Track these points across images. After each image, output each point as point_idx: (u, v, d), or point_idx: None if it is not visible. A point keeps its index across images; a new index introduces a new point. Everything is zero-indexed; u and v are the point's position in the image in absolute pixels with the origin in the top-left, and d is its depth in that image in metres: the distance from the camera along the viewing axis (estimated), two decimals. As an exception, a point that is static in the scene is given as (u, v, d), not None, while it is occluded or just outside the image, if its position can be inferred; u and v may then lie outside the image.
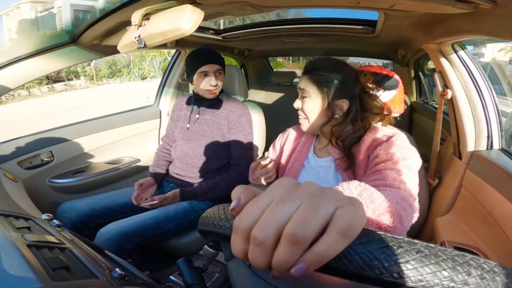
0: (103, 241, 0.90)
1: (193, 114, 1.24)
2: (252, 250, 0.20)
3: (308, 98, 0.74)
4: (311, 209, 0.19)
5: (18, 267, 0.33)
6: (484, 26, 0.62)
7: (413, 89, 1.75)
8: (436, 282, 0.17)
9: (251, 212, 0.21)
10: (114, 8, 0.73)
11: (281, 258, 0.19)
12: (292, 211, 0.19)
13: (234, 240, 0.21)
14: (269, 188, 0.23)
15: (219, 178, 1.17)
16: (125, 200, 1.14)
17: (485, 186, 0.80)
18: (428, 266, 0.18)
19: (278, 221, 0.19)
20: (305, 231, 0.18)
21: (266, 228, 0.19)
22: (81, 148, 1.31)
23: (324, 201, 0.20)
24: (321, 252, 0.18)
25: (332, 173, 0.75)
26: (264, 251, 0.19)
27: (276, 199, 0.21)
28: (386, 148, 0.62)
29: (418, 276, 0.18)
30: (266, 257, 0.20)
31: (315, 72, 0.73)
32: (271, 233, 0.19)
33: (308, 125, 0.76)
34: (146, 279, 0.49)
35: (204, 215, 0.32)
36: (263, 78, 2.46)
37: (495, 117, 0.90)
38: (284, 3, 0.82)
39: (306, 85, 0.74)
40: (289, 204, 0.20)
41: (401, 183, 0.52)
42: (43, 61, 0.94)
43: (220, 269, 0.85)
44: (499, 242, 0.72)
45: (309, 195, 0.20)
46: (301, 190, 0.21)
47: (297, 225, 0.18)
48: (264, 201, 0.21)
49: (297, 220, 0.19)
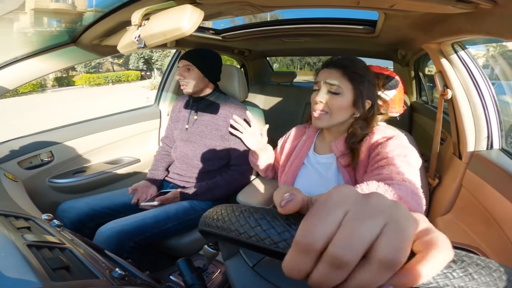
0: (102, 240, 0.89)
1: (191, 116, 1.25)
2: (326, 271, 0.18)
3: (339, 94, 0.72)
4: (402, 231, 0.18)
5: (18, 267, 0.33)
6: (484, 26, 0.62)
7: (413, 89, 1.75)
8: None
9: (324, 227, 0.18)
10: (114, 8, 0.73)
11: (366, 281, 0.17)
12: (377, 231, 0.18)
13: (295, 259, 0.19)
14: (332, 198, 0.20)
15: (219, 178, 1.17)
16: (125, 200, 1.15)
17: (485, 186, 0.80)
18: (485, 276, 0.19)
19: (365, 240, 0.17)
20: (403, 255, 0.17)
21: (353, 247, 0.17)
22: (81, 148, 1.31)
23: (409, 222, 0.19)
24: (421, 274, 0.18)
25: (332, 170, 0.76)
26: (343, 273, 0.18)
27: (353, 213, 0.19)
28: (387, 146, 0.64)
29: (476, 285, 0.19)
30: (341, 279, 0.18)
31: (352, 70, 0.72)
32: (359, 253, 0.17)
33: (329, 120, 0.74)
34: (146, 279, 0.49)
35: (207, 215, 0.31)
36: (263, 78, 2.46)
37: (495, 117, 0.90)
38: (284, 3, 0.82)
39: (341, 81, 0.72)
40: (374, 221, 0.18)
41: (405, 177, 0.53)
42: (43, 61, 0.94)
43: (220, 269, 0.85)
44: (499, 242, 0.72)
45: (388, 213, 0.19)
46: (377, 205, 0.19)
47: (395, 250, 0.17)
48: (336, 215, 0.19)
49: (392, 244, 0.17)
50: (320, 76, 0.75)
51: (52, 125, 1.32)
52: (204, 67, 1.19)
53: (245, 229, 0.25)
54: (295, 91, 2.20)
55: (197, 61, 1.17)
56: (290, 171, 0.83)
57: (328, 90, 0.73)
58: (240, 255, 0.49)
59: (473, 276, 0.19)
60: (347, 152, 0.73)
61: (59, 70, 1.01)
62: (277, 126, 1.32)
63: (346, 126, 0.77)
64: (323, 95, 0.73)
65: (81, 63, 1.10)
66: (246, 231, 0.24)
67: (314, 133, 0.86)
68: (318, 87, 0.75)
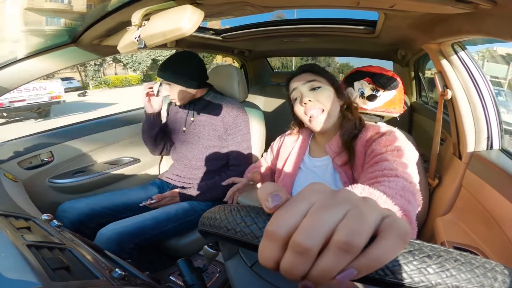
0: (103, 241, 0.90)
1: (188, 117, 1.25)
2: (291, 258, 0.19)
3: (321, 88, 0.75)
4: (361, 217, 0.19)
5: (18, 267, 0.33)
6: (484, 26, 0.62)
7: (413, 89, 1.75)
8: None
9: (289, 217, 0.20)
10: (114, 8, 0.73)
11: (327, 266, 0.18)
12: (339, 218, 0.19)
13: (265, 247, 0.20)
14: (302, 193, 0.21)
15: (218, 179, 1.17)
16: (124, 200, 1.14)
17: (485, 186, 0.80)
18: (465, 273, 0.18)
19: (325, 227, 0.18)
20: (359, 239, 0.18)
21: (313, 234, 0.18)
22: (81, 148, 1.31)
23: (371, 210, 0.19)
24: (378, 257, 0.18)
25: (329, 172, 0.76)
26: (307, 260, 0.19)
27: (318, 204, 0.20)
28: (381, 142, 0.64)
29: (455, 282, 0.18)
30: (306, 266, 0.19)
31: (316, 68, 0.79)
32: (319, 240, 0.18)
33: (327, 118, 0.74)
34: (146, 279, 0.49)
35: (206, 215, 0.32)
36: (263, 78, 2.46)
37: (495, 117, 0.90)
38: (284, 3, 0.82)
39: (315, 77, 0.77)
40: (335, 210, 0.19)
41: (398, 171, 0.52)
42: (43, 61, 0.94)
43: (220, 269, 0.85)
44: (499, 242, 0.72)
45: (352, 203, 0.20)
46: (342, 196, 0.20)
47: (351, 233, 0.18)
48: (302, 206, 0.20)
49: (350, 228, 0.18)
50: (293, 84, 0.79)
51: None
52: (183, 80, 1.13)
53: (232, 225, 0.26)
54: (295, 91, 2.19)
55: (174, 77, 1.12)
56: (287, 177, 0.83)
57: (310, 88, 0.76)
58: (240, 255, 0.49)
59: (451, 272, 0.18)
60: (341, 151, 0.73)
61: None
62: (277, 126, 1.32)
63: (338, 124, 0.78)
64: (308, 94, 0.75)
65: (81, 63, 1.10)
66: (233, 228, 0.26)
67: (308, 137, 0.86)
68: (296, 95, 0.78)
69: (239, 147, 1.19)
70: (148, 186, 1.27)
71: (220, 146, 1.21)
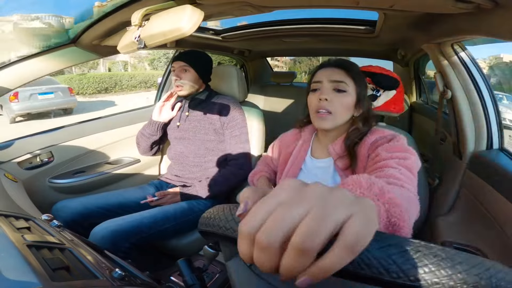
0: (97, 240, 0.86)
1: (183, 113, 1.25)
2: (257, 254, 0.20)
3: (345, 92, 0.71)
4: (320, 217, 0.18)
5: (18, 267, 0.33)
6: (484, 26, 0.62)
7: (413, 89, 1.75)
8: (451, 285, 0.18)
9: (256, 216, 0.20)
10: (114, 8, 0.73)
11: (288, 265, 0.19)
12: (299, 217, 0.19)
13: (239, 244, 0.21)
14: (275, 189, 0.22)
15: (217, 174, 1.16)
16: (120, 200, 1.12)
17: (485, 186, 0.80)
18: (445, 269, 0.18)
19: (284, 227, 0.19)
20: (313, 242, 0.18)
21: (271, 233, 0.19)
22: (81, 148, 1.31)
23: (334, 208, 0.19)
24: (326, 267, 0.18)
25: (330, 174, 0.75)
26: (270, 256, 0.19)
27: (283, 201, 0.20)
28: (387, 148, 0.63)
29: (435, 279, 0.18)
30: (271, 262, 0.19)
31: (354, 70, 0.73)
32: (276, 239, 0.19)
33: (333, 121, 0.72)
34: (146, 279, 0.49)
35: (205, 215, 0.32)
36: (263, 78, 2.46)
37: (495, 117, 0.90)
38: (284, 3, 0.82)
39: (346, 78, 0.71)
40: (297, 209, 0.19)
41: (403, 182, 0.52)
42: (43, 61, 0.94)
43: (220, 269, 0.85)
44: (499, 242, 0.72)
45: (317, 199, 0.20)
46: (309, 192, 0.20)
47: (305, 236, 0.18)
48: (270, 204, 0.21)
49: (305, 230, 0.18)
50: (321, 75, 0.74)
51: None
52: (200, 68, 1.19)
53: (224, 223, 0.27)
54: (295, 91, 2.20)
55: (193, 62, 1.18)
56: (288, 177, 0.82)
57: (334, 88, 0.72)
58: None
59: (429, 268, 0.18)
60: (344, 154, 0.72)
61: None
62: (277, 126, 1.32)
63: (345, 128, 0.76)
64: (328, 93, 0.71)
65: (81, 63, 1.10)
66: (225, 225, 0.27)
67: (310, 137, 0.84)
68: (317, 86, 0.73)
69: (237, 140, 1.17)
70: (145, 187, 1.25)
71: (217, 140, 1.19)
